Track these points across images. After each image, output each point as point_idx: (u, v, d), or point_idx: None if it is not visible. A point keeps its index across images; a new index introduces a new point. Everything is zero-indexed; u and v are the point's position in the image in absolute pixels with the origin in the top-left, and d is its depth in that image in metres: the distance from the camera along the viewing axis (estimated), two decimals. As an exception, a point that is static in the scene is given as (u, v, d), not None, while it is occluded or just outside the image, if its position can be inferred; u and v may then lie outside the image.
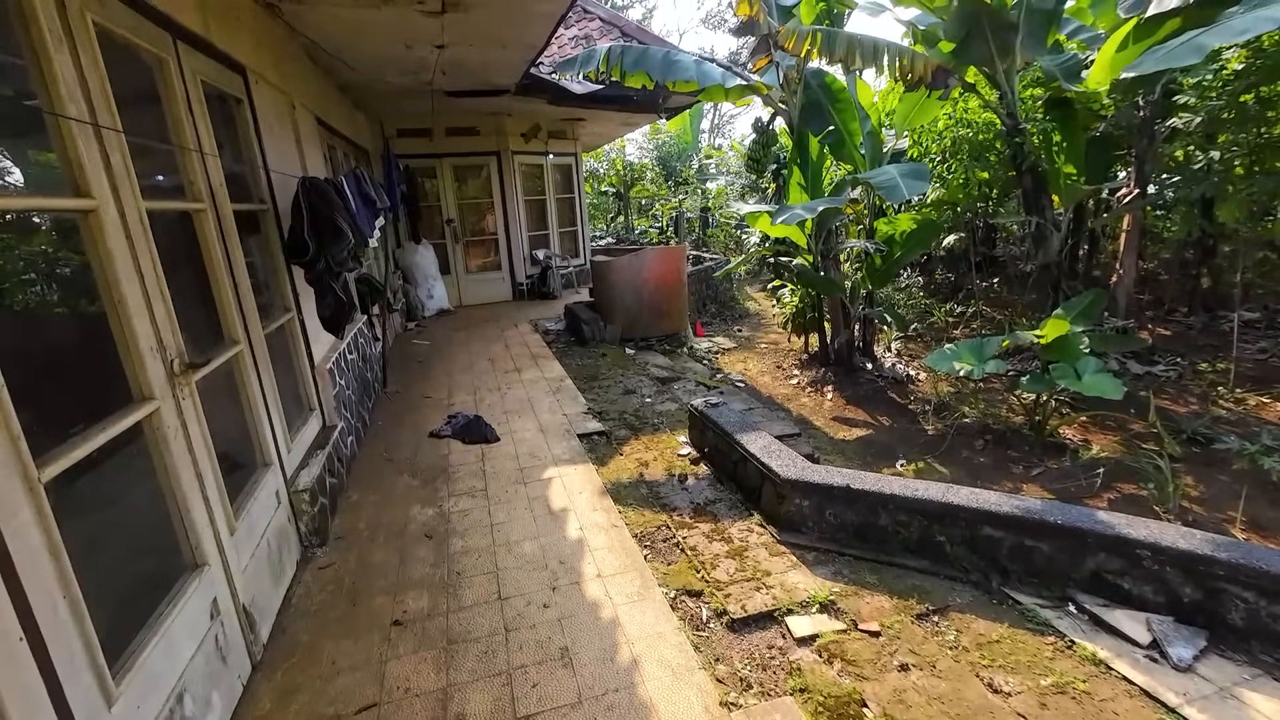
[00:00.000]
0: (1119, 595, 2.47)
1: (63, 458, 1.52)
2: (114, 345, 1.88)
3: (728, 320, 10.44)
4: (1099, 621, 2.40)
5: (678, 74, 6.23)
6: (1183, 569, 2.34)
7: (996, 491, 2.86)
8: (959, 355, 4.94)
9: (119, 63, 2.02)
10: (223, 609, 2.25)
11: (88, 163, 1.77)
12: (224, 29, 3.03)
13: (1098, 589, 2.51)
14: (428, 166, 9.55)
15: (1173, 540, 2.37)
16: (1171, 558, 2.35)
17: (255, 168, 3.38)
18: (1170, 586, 2.37)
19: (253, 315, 2.93)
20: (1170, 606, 2.38)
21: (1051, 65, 5.81)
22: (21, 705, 1.29)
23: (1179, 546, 2.34)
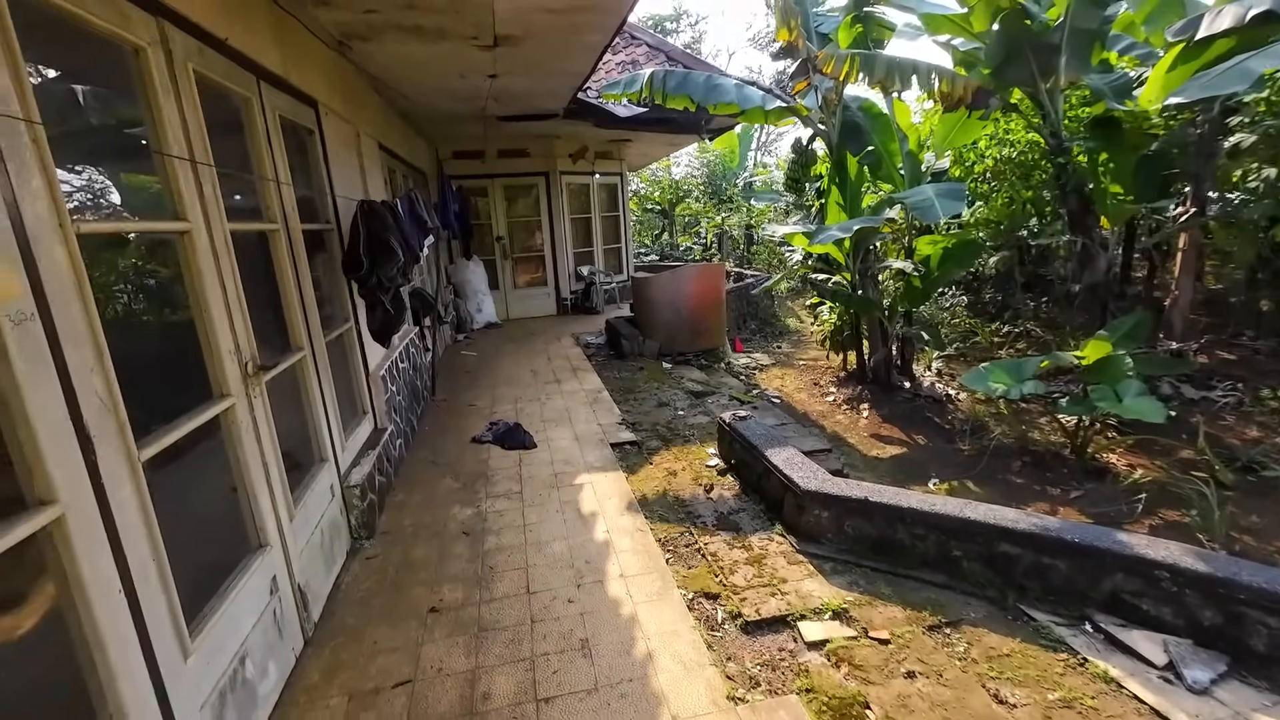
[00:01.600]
0: (1137, 616, 2.46)
1: (157, 442, 1.79)
2: (199, 348, 2.18)
3: (768, 337, 10.48)
4: (1114, 641, 2.40)
5: (718, 97, 6.42)
6: (1202, 592, 2.32)
7: (1018, 509, 2.88)
8: (995, 375, 4.90)
9: (211, 102, 2.34)
10: (280, 587, 2.50)
11: (185, 191, 2.07)
12: (300, 69, 3.39)
13: (1116, 609, 2.51)
14: (480, 187, 10.02)
15: (1192, 562, 2.35)
16: (1191, 580, 2.34)
17: (323, 191, 3.73)
18: (1190, 609, 2.36)
19: (315, 325, 3.24)
20: (1190, 629, 2.36)
21: (1100, 83, 5.74)
22: (119, 648, 1.54)
23: (1198, 569, 2.33)
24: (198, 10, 2.26)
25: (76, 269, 1.52)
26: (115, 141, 2.32)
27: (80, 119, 2.19)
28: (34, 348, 1.37)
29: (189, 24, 2.21)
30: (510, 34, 4.36)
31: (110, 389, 1.61)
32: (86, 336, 1.54)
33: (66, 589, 1.44)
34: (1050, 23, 5.47)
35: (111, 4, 1.80)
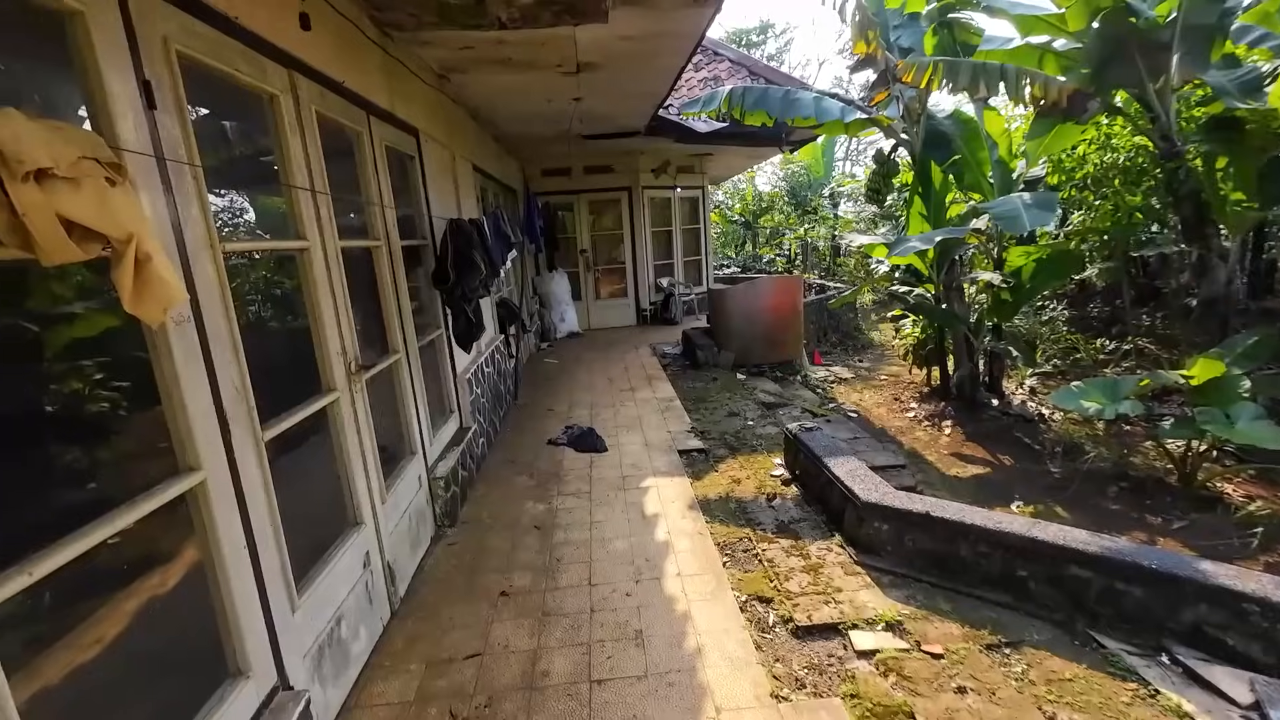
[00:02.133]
0: (1221, 651, 2.30)
1: (277, 425, 2.12)
2: (312, 349, 2.53)
3: (849, 350, 10.25)
4: (1194, 675, 2.26)
5: (796, 111, 6.44)
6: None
7: (1091, 532, 2.75)
8: (1089, 393, 4.63)
9: (328, 136, 2.72)
10: (372, 562, 2.82)
11: (305, 215, 2.43)
12: (404, 103, 3.81)
13: (1197, 642, 2.36)
14: (566, 202, 10.50)
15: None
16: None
17: (420, 211, 4.13)
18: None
19: (410, 331, 3.61)
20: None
21: (1223, 80, 5.30)
22: (243, 597, 1.85)
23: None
24: (321, 60, 2.64)
25: (221, 280, 1.86)
26: (254, 170, 2.74)
27: (228, 151, 2.62)
28: (189, 344, 1.71)
29: (313, 71, 2.59)
30: (592, 61, 4.65)
31: (243, 380, 1.94)
32: (227, 336, 1.88)
33: (205, 543, 1.76)
34: (1160, 19, 5.13)
35: (254, 60, 2.17)
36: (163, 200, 1.64)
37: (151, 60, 1.64)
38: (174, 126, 1.71)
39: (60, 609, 1.48)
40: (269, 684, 1.93)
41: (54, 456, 1.62)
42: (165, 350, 1.62)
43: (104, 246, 1.30)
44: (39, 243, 1.16)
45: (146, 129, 1.60)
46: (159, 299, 1.36)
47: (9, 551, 1.22)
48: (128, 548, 1.65)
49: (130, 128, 1.54)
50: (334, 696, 2.35)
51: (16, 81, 1.59)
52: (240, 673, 1.82)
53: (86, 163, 1.29)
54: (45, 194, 1.16)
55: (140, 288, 1.33)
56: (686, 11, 3.67)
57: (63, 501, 1.54)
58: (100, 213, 1.26)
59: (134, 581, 1.71)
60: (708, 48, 9.50)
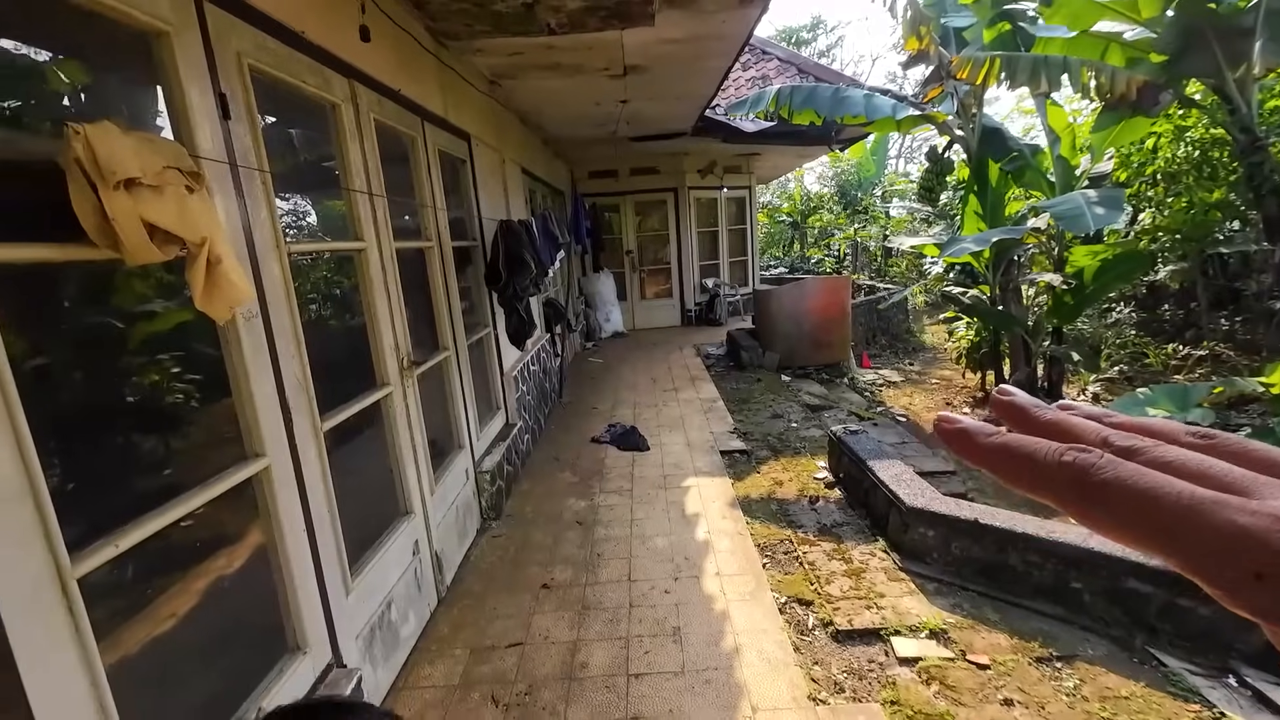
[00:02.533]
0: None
1: (334, 416, 2.24)
2: (367, 345, 2.66)
3: (899, 353, 10.00)
4: (1264, 699, 2.13)
5: (846, 109, 6.34)
6: (1382, 655, 2.00)
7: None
8: (1155, 400, 4.38)
9: (384, 142, 2.84)
10: (421, 550, 2.94)
11: (363, 218, 2.56)
12: (457, 108, 3.94)
13: (1268, 664, 2.22)
14: (612, 204, 10.60)
15: (1369, 620, 2.03)
16: (1367, 640, 2.02)
17: (470, 212, 4.26)
18: (1366, 674, 2.04)
19: (460, 329, 3.73)
20: (1366, 698, 2.04)
21: (1311, 68, 4.95)
22: (302, 577, 1.97)
23: (1377, 628, 2.01)
24: (379, 69, 2.77)
25: (286, 279, 1.99)
26: (316, 175, 2.89)
27: (292, 158, 2.78)
28: (257, 339, 1.83)
29: (372, 81, 2.72)
30: (638, 64, 4.70)
31: (305, 373, 2.06)
32: (290, 331, 2.00)
33: (269, 526, 1.88)
34: (1240, 4, 4.82)
35: (318, 72, 2.30)
36: (235, 204, 1.76)
37: (227, 74, 1.76)
38: (245, 135, 1.83)
39: (140, 584, 1.62)
40: (324, 661, 2.05)
41: (136, 442, 1.76)
42: (235, 343, 1.74)
43: (181, 248, 1.41)
44: (125, 245, 1.27)
45: (221, 138, 1.72)
46: (227, 298, 1.47)
47: (99, 525, 1.35)
48: (200, 529, 1.78)
49: (207, 136, 1.66)
50: (384, 677, 2.46)
51: (110, 94, 1.74)
52: (298, 648, 1.94)
53: (169, 172, 1.41)
54: (133, 200, 1.28)
55: (210, 287, 1.44)
56: (732, 13, 3.67)
57: (144, 483, 1.68)
58: (179, 218, 1.38)
59: (205, 561, 1.84)
60: (755, 46, 9.43)
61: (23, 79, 1.49)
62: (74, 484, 1.48)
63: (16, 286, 1.32)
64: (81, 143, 1.22)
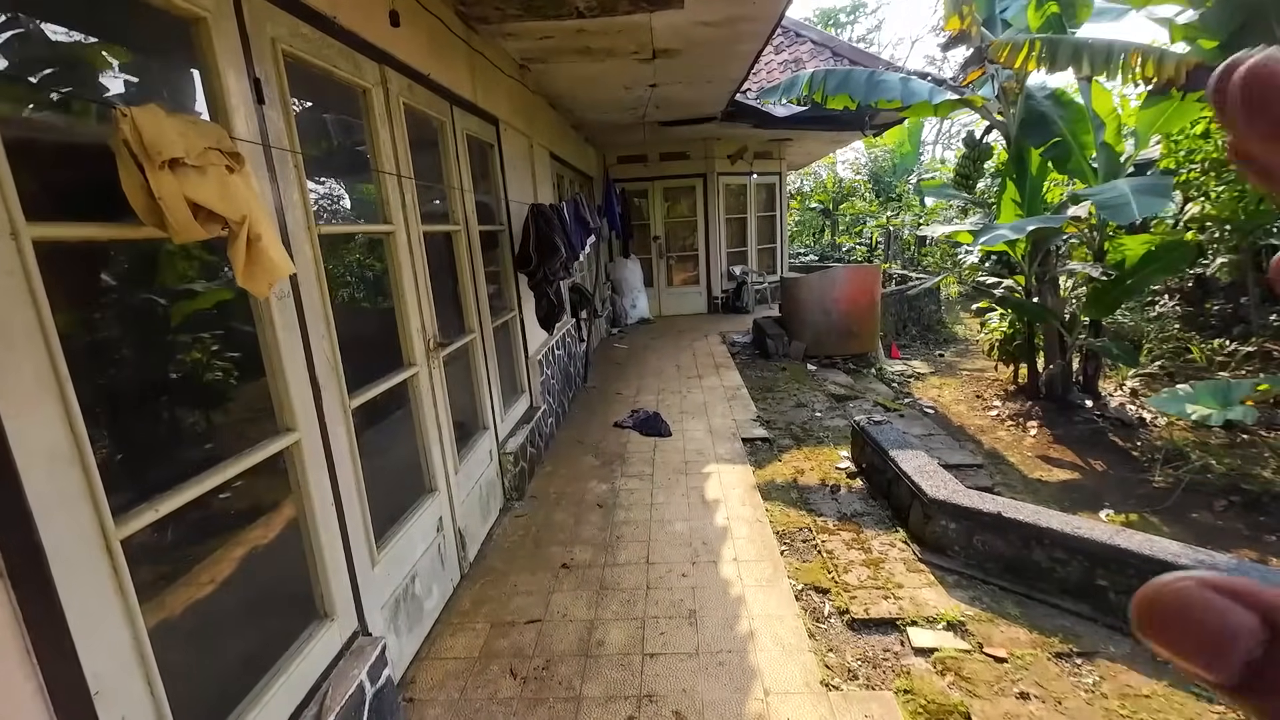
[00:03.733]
0: (1329, 682, 2.10)
1: (362, 394, 2.31)
2: (394, 326, 2.72)
3: (930, 344, 9.82)
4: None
5: (881, 93, 6.18)
6: None
7: (1184, 544, 2.56)
8: (1196, 398, 4.26)
9: (413, 126, 2.89)
10: (445, 527, 3.02)
11: (392, 201, 2.61)
12: (486, 93, 3.97)
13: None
14: (641, 189, 10.56)
15: None
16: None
17: (498, 197, 4.31)
18: (1404, 683, 1.97)
19: (485, 312, 3.79)
20: (1403, 707, 1.97)
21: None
22: (329, 546, 2.04)
23: None
24: (409, 54, 2.81)
25: (317, 260, 2.05)
26: (346, 159, 2.96)
27: (324, 141, 2.85)
28: (289, 317, 1.89)
29: (402, 65, 2.76)
30: (668, 47, 4.66)
31: (334, 352, 2.13)
32: (320, 311, 2.06)
33: (299, 498, 1.96)
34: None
35: (350, 57, 2.34)
36: (268, 186, 1.82)
37: (262, 59, 1.81)
38: (279, 119, 1.88)
39: (180, 551, 1.70)
40: (350, 628, 2.13)
41: (175, 414, 1.85)
42: (269, 322, 1.81)
43: (223, 227, 1.47)
44: (171, 223, 1.33)
45: (256, 121, 1.78)
46: (267, 274, 1.53)
47: (140, 490, 1.42)
48: (235, 500, 1.86)
49: (242, 120, 1.71)
50: (408, 646, 2.55)
51: (152, 79, 1.81)
52: (327, 615, 2.02)
53: (211, 152, 1.46)
54: (178, 180, 1.33)
55: (251, 264, 1.50)
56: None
57: (182, 453, 1.77)
58: (221, 197, 1.43)
59: (240, 530, 1.93)
60: (789, 29, 9.26)
61: (72, 66, 1.56)
62: (118, 452, 1.57)
63: (68, 264, 1.40)
64: (129, 124, 1.27)
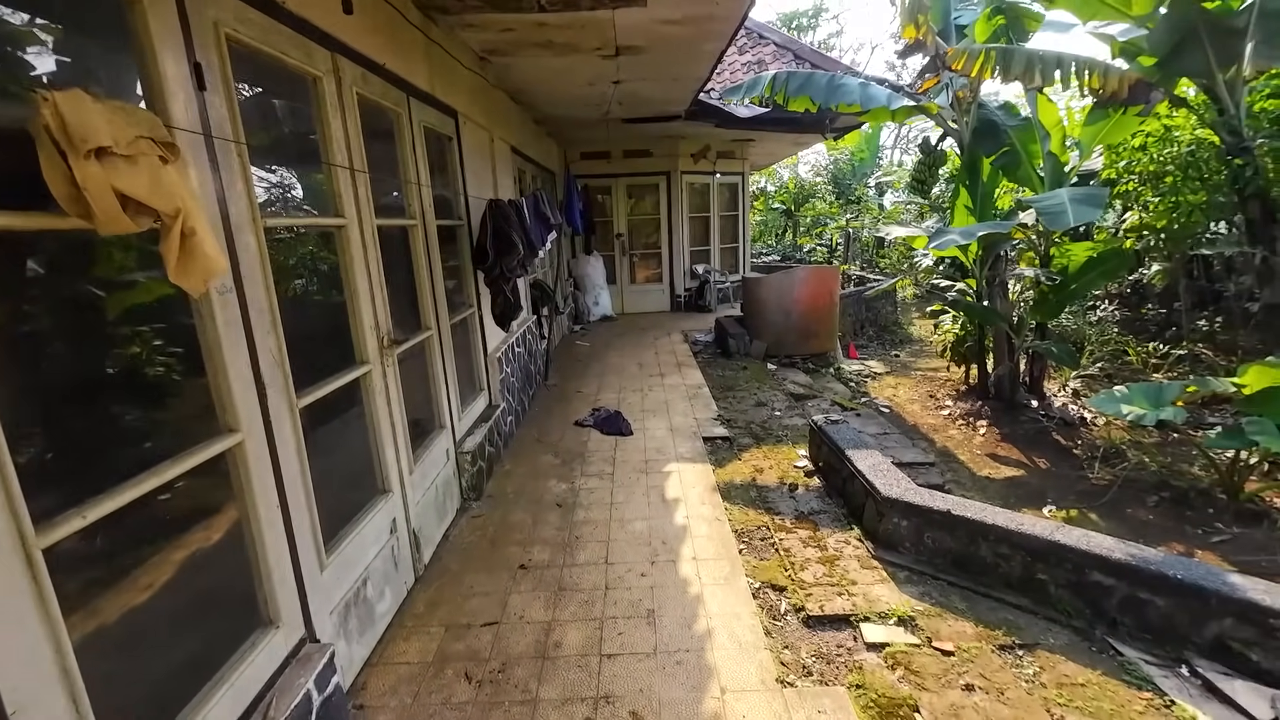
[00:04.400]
0: (1246, 667, 2.23)
1: (311, 393, 2.24)
2: (346, 323, 2.64)
3: (886, 344, 10.07)
4: (1213, 689, 2.20)
5: (841, 97, 6.30)
6: (1328, 649, 2.07)
7: (1117, 539, 2.68)
8: (1131, 398, 4.46)
9: (368, 116, 2.80)
10: (398, 529, 2.95)
11: (344, 194, 2.53)
12: (444, 85, 3.88)
13: (1220, 656, 2.29)
14: (604, 185, 10.52)
15: (1318, 615, 2.11)
16: (1314, 635, 2.10)
17: (457, 191, 4.22)
18: (1312, 667, 2.11)
19: (443, 308, 3.71)
20: (1311, 690, 2.11)
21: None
22: (274, 550, 1.97)
23: (1325, 623, 2.08)
24: (364, 43, 2.73)
25: (262, 253, 1.97)
26: (296, 148, 2.85)
27: (271, 130, 2.73)
28: (231, 314, 1.81)
29: (356, 54, 2.68)
30: (632, 45, 4.65)
31: (281, 349, 2.05)
32: (266, 307, 1.99)
33: (242, 500, 1.88)
34: (1233, 5, 4.83)
35: (299, 43, 2.26)
36: (209, 176, 1.74)
37: (203, 44, 1.73)
38: (221, 106, 1.80)
39: (113, 556, 1.62)
40: (297, 635, 2.06)
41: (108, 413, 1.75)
42: (209, 318, 1.73)
43: (155, 220, 1.40)
44: (96, 214, 1.26)
45: (196, 109, 1.70)
46: (201, 271, 1.46)
47: (67, 496, 1.34)
48: (175, 502, 1.78)
49: (181, 107, 1.63)
50: (358, 652, 2.49)
51: (84, 61, 1.70)
52: (271, 623, 1.95)
53: (143, 141, 1.39)
54: (104, 170, 1.26)
55: (185, 260, 1.43)
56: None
57: (115, 455, 1.67)
58: (153, 189, 1.36)
59: (178, 534, 1.84)
60: (752, 30, 9.35)
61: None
62: (45, 454, 1.47)
63: (-17, 254, 1.31)
64: (51, 110, 1.20)
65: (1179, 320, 7.87)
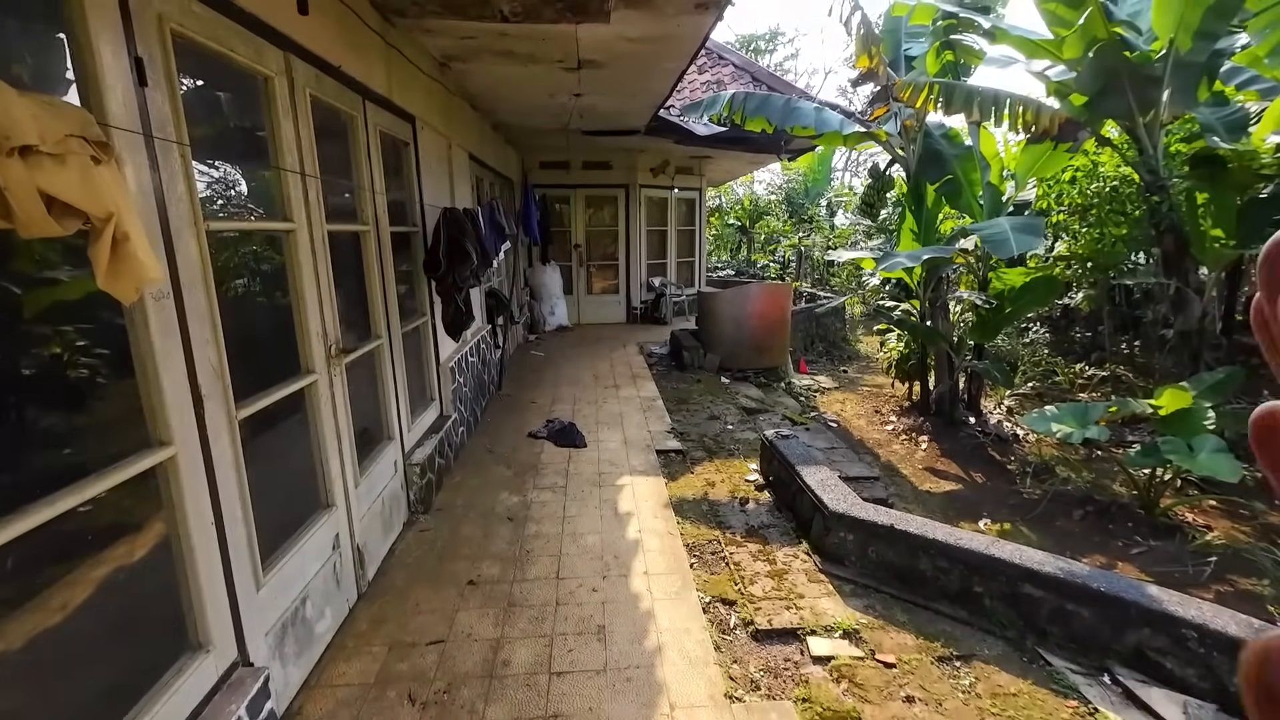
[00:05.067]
0: (1160, 674, 2.38)
1: (252, 404, 2.15)
2: (292, 330, 2.55)
3: (835, 360, 10.35)
4: (1131, 696, 2.34)
5: (796, 120, 6.50)
6: (1232, 656, 2.23)
7: (1046, 553, 2.83)
8: (1060, 418, 4.72)
9: (321, 118, 2.73)
10: (342, 545, 2.85)
11: (293, 197, 2.45)
12: (402, 89, 3.81)
13: (1138, 664, 2.44)
14: (563, 195, 10.50)
15: (1223, 624, 2.27)
16: (1219, 642, 2.25)
17: (412, 197, 4.14)
18: (1217, 673, 2.27)
19: (394, 316, 3.63)
20: (1217, 694, 2.27)
21: (1210, 118, 5.43)
22: (206, 569, 1.88)
23: (1228, 631, 2.24)
24: (319, 44, 2.66)
25: (204, 258, 1.88)
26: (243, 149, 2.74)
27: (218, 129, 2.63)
28: (167, 321, 1.73)
29: (310, 55, 2.60)
30: (593, 59, 4.67)
31: (221, 358, 1.96)
32: (206, 314, 1.90)
33: (172, 517, 1.78)
34: (1152, 54, 5.22)
35: (250, 41, 2.18)
36: (148, 176, 1.66)
37: (145, 38, 1.65)
38: (164, 104, 1.72)
39: (26, 573, 1.50)
40: (229, 659, 1.96)
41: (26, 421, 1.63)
42: (143, 325, 1.64)
43: (84, 222, 1.32)
44: (18, 215, 1.18)
45: (136, 105, 1.62)
46: (134, 277, 1.39)
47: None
48: (96, 516, 1.67)
49: (119, 103, 1.55)
50: (295, 675, 2.38)
51: (9, 51, 1.60)
52: (200, 646, 1.85)
53: (74, 140, 1.31)
54: (28, 169, 1.19)
55: (116, 265, 1.35)
56: (688, 16, 3.71)
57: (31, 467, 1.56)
58: (82, 190, 1.29)
59: (99, 551, 1.73)
60: (712, 51, 9.54)
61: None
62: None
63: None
64: (-30, 102, 1.13)
65: (1103, 343, 8.39)
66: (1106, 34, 4.96)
